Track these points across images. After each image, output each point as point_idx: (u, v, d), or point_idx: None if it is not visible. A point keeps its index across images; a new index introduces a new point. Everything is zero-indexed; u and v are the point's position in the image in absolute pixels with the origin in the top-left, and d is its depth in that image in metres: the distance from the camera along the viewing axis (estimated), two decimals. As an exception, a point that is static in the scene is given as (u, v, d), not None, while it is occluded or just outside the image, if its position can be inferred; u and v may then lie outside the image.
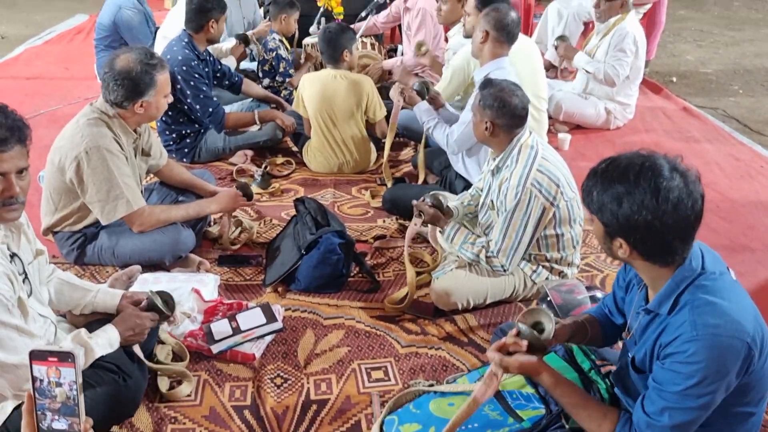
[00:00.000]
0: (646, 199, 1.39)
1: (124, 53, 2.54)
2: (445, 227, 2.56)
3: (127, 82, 2.47)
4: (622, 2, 4.10)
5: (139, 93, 2.50)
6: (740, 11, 7.72)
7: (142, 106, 2.53)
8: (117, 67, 2.48)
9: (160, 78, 2.54)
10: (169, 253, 2.69)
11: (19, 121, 1.69)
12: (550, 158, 2.43)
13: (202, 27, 3.54)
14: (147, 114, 2.59)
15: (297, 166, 3.77)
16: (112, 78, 2.48)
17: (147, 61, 2.51)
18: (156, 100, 2.57)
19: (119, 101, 2.51)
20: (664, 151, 3.98)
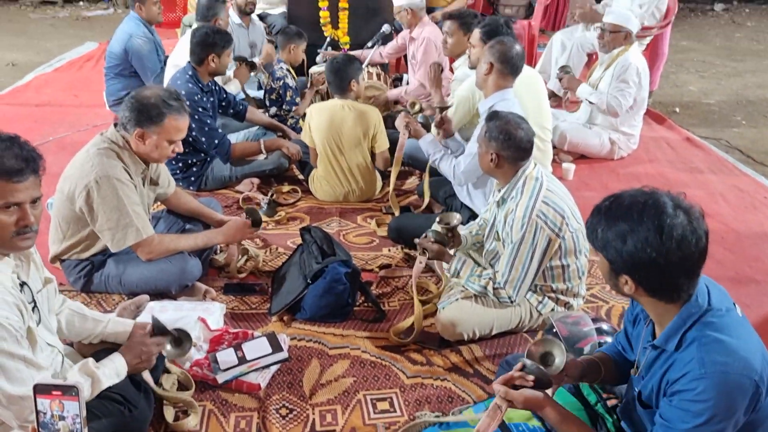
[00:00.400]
0: (650, 237, 1.41)
1: (157, 86, 2.60)
2: (451, 261, 2.57)
3: (138, 106, 2.51)
4: (625, 34, 4.16)
5: (140, 122, 2.50)
6: (742, 42, 7.80)
7: (141, 137, 2.52)
8: (140, 94, 2.54)
9: (169, 120, 2.52)
10: (175, 282, 2.70)
11: (33, 151, 1.72)
12: (555, 190, 2.45)
13: (203, 60, 3.58)
14: (145, 150, 2.55)
15: (303, 195, 3.79)
16: (129, 99, 2.54)
17: (166, 98, 2.53)
18: (157, 140, 2.54)
19: (123, 122, 2.54)
20: (669, 181, 4.03)
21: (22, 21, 8.05)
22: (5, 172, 1.63)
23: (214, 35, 3.59)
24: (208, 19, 4.23)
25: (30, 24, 7.93)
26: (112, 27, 7.72)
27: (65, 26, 7.89)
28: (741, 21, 8.79)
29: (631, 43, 4.19)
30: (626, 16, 4.20)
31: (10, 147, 1.66)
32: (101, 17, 8.35)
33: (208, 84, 3.69)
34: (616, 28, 4.14)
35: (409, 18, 4.57)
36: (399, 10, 4.57)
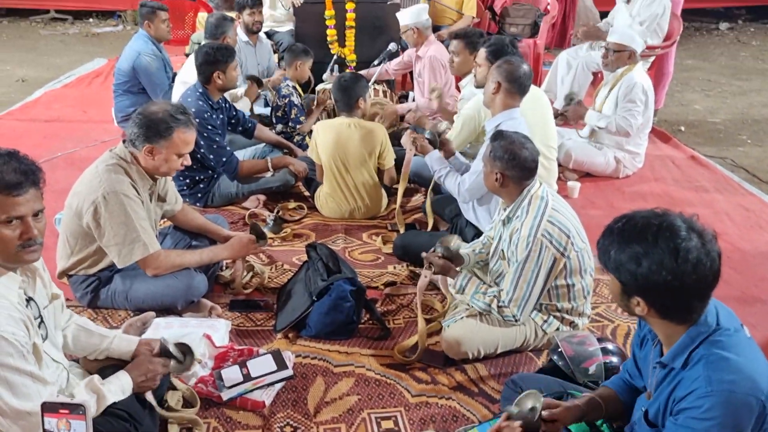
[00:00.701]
0: (666, 260, 1.41)
1: (164, 102, 2.63)
2: (456, 278, 2.57)
3: (146, 122, 2.53)
4: (629, 53, 4.18)
5: (149, 138, 2.53)
6: (747, 61, 7.82)
7: (151, 152, 2.55)
8: (147, 110, 2.57)
9: (178, 134, 2.56)
10: (181, 298, 2.71)
11: (32, 164, 1.74)
12: (561, 209, 2.45)
13: (209, 78, 3.62)
14: (155, 165, 2.59)
15: (309, 211, 3.81)
16: (137, 115, 2.56)
17: (174, 113, 2.56)
18: (166, 155, 2.57)
19: (132, 139, 2.57)
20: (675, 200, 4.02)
21: (33, 37, 8.14)
22: (5, 187, 1.65)
23: (216, 52, 3.62)
24: (217, 37, 4.27)
25: (40, 40, 8.02)
26: (122, 43, 7.80)
27: (75, 42, 7.97)
28: (746, 40, 8.81)
29: (636, 62, 4.21)
30: (630, 35, 4.23)
31: (9, 161, 1.68)
32: (111, 34, 8.44)
33: (218, 101, 3.72)
34: (620, 48, 4.17)
35: (415, 37, 4.61)
36: (405, 29, 4.61)
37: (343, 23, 5.38)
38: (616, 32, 4.32)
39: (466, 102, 3.81)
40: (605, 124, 4.18)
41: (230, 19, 4.46)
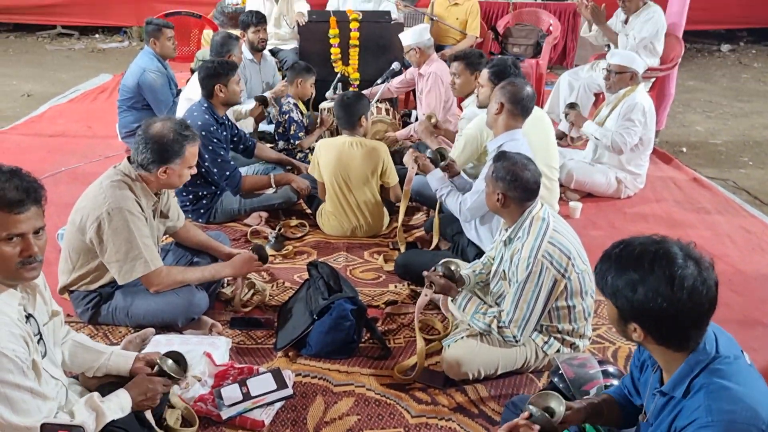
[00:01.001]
0: (661, 287, 1.42)
1: (161, 120, 2.62)
2: (457, 297, 2.57)
3: (157, 146, 2.55)
4: (631, 74, 4.20)
5: (165, 160, 2.57)
6: (749, 83, 7.85)
7: (165, 172, 2.60)
8: (151, 132, 2.57)
9: (189, 149, 2.62)
10: (182, 315, 2.71)
11: (34, 182, 1.75)
12: (562, 230, 2.46)
13: (211, 92, 3.64)
14: (168, 181, 2.64)
15: (310, 229, 3.81)
16: (143, 141, 2.56)
17: (181, 131, 2.60)
18: (180, 170, 2.63)
19: (145, 164, 2.58)
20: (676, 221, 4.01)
21: (39, 52, 8.20)
22: (6, 204, 1.67)
23: (217, 66, 3.67)
24: (222, 55, 4.30)
25: (46, 55, 8.08)
26: (127, 59, 7.87)
27: (81, 58, 8.03)
28: (748, 62, 8.85)
29: (638, 84, 4.23)
30: (631, 56, 4.26)
31: (11, 179, 1.70)
32: (116, 50, 8.51)
33: (223, 116, 3.74)
34: (622, 69, 4.19)
35: (418, 57, 4.64)
36: (408, 49, 4.64)
37: (347, 42, 5.43)
38: (617, 54, 4.36)
39: (467, 122, 3.83)
40: (600, 135, 4.19)
41: (235, 38, 4.50)
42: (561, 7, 7.28)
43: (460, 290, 2.62)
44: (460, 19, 6.16)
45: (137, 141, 2.59)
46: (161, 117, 2.66)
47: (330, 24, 5.38)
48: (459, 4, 6.17)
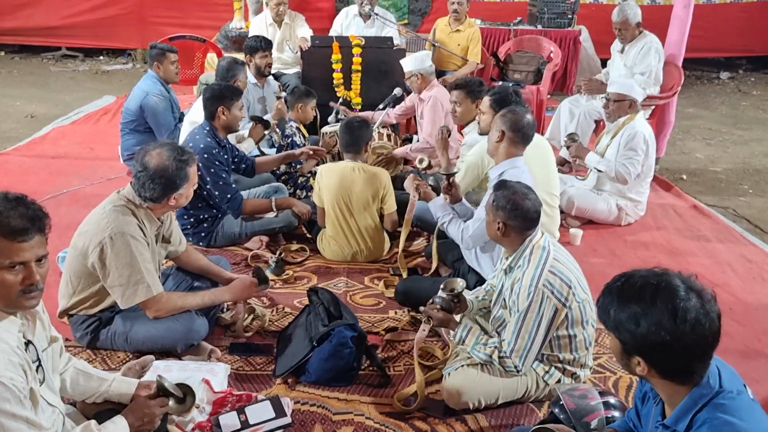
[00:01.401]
0: (664, 320, 1.42)
1: (154, 150, 2.62)
2: (457, 329, 2.56)
3: (164, 180, 2.57)
4: (629, 103, 4.22)
5: (174, 188, 2.62)
6: (748, 111, 7.89)
7: (174, 198, 2.64)
8: (152, 166, 2.57)
9: (191, 171, 2.67)
10: (181, 341, 2.71)
11: (39, 210, 1.75)
12: (562, 259, 2.46)
13: (214, 114, 3.66)
14: (177, 204, 2.71)
15: (311, 254, 3.81)
16: (148, 177, 2.56)
17: (180, 157, 2.62)
18: (186, 191, 2.69)
19: (155, 197, 2.60)
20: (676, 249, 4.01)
21: (44, 74, 8.26)
22: (11, 232, 1.67)
23: (223, 89, 3.71)
24: (227, 79, 4.34)
25: (51, 77, 8.13)
26: (130, 81, 7.93)
27: (85, 79, 8.08)
28: (747, 90, 8.91)
29: (637, 112, 4.25)
30: (629, 85, 4.28)
31: (16, 207, 1.70)
32: (120, 71, 8.57)
33: (224, 140, 3.76)
34: (620, 97, 4.21)
35: (419, 83, 4.67)
36: (409, 75, 4.68)
37: (349, 67, 5.48)
38: (615, 82, 4.38)
39: (469, 148, 3.84)
40: (605, 167, 4.21)
41: (241, 63, 4.54)
42: (561, 34, 7.34)
43: (459, 320, 2.61)
44: (462, 46, 6.22)
45: (140, 178, 2.58)
46: (153, 147, 2.65)
47: (333, 49, 5.43)
48: (461, 31, 6.24)
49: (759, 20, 9.31)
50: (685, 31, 5.24)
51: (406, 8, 8.64)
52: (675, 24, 5.27)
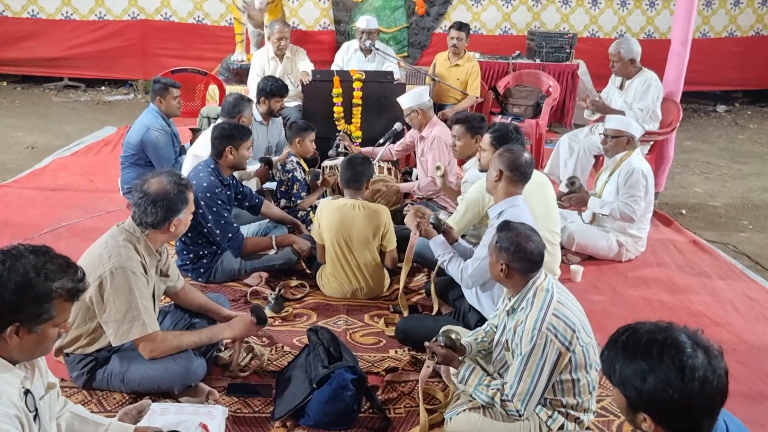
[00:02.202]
0: (672, 378, 1.40)
1: (154, 178, 2.67)
2: (460, 368, 2.53)
3: (166, 203, 2.60)
4: (627, 139, 4.23)
5: (176, 212, 2.65)
6: (745, 144, 7.95)
7: (174, 224, 2.66)
8: (152, 191, 2.60)
9: (190, 196, 2.71)
10: (179, 382, 2.67)
11: (83, 272, 1.84)
12: (566, 302, 2.44)
13: (221, 153, 3.68)
14: (176, 231, 2.72)
15: (311, 290, 3.78)
16: (149, 202, 2.59)
17: (179, 182, 2.68)
18: (185, 217, 2.72)
19: (156, 222, 2.62)
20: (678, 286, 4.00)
21: (45, 104, 8.30)
22: (71, 294, 1.77)
23: (232, 129, 3.71)
24: (233, 115, 4.36)
25: (52, 107, 8.17)
26: (132, 111, 7.99)
27: (86, 110, 8.12)
28: (744, 123, 8.99)
29: (635, 147, 4.26)
30: (627, 121, 4.29)
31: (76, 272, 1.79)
32: (122, 102, 8.63)
33: (227, 178, 3.76)
34: (618, 133, 4.22)
35: (420, 119, 4.69)
36: (409, 111, 4.68)
37: (350, 101, 5.52)
38: (613, 118, 4.40)
39: (469, 185, 3.85)
40: (608, 211, 4.21)
41: (248, 99, 4.56)
42: (560, 68, 7.43)
43: (462, 359, 2.59)
44: (461, 80, 6.28)
45: (141, 204, 2.60)
46: (152, 176, 2.69)
47: (334, 83, 5.48)
48: (460, 65, 6.30)
49: (754, 54, 9.46)
50: (682, 68, 5.30)
51: (406, 41, 8.74)
52: (672, 61, 5.33)
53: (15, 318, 1.68)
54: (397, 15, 8.64)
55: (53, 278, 1.72)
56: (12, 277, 1.67)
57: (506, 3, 8.92)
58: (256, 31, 7.44)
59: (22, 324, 1.68)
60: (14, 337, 1.69)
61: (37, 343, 1.75)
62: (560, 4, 8.98)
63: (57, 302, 1.73)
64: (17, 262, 1.69)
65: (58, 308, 1.73)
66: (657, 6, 9.10)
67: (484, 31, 8.97)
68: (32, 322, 1.70)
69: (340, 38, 8.54)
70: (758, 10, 9.40)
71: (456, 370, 2.58)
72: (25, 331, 1.69)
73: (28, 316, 1.69)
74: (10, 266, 1.68)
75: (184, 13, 8.63)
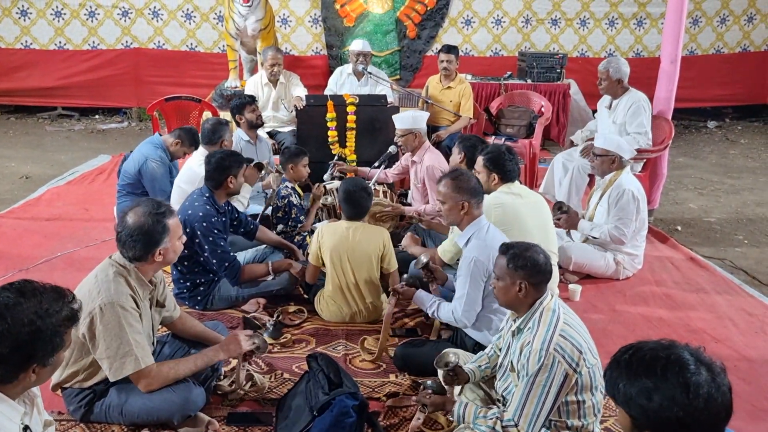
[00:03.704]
0: (677, 395, 1.40)
1: (132, 209, 2.63)
2: (452, 409, 2.50)
3: (142, 236, 2.55)
4: (613, 159, 4.21)
5: (155, 243, 2.58)
6: (737, 159, 8.00)
7: (160, 254, 2.61)
8: (129, 225, 2.57)
9: (171, 223, 2.63)
10: (178, 413, 2.63)
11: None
12: (572, 323, 2.42)
13: (221, 183, 3.68)
14: (165, 260, 2.66)
15: (309, 315, 3.76)
16: (128, 236, 2.56)
17: (156, 211, 2.61)
18: (172, 245, 2.66)
19: (138, 256, 2.58)
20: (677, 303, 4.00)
21: (39, 133, 8.30)
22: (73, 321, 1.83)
23: (229, 158, 3.72)
24: (214, 142, 4.37)
25: (46, 136, 8.18)
26: (126, 139, 8.00)
27: (80, 138, 8.13)
28: (734, 138, 9.06)
29: (623, 167, 4.25)
30: (615, 142, 4.25)
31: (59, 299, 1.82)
32: (116, 130, 8.64)
33: (223, 205, 3.76)
34: (605, 152, 4.20)
35: (414, 142, 4.70)
36: (405, 132, 4.67)
37: (344, 125, 5.55)
38: (601, 137, 4.37)
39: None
40: (598, 234, 4.21)
41: (225, 123, 4.57)
42: (551, 88, 7.50)
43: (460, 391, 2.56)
44: (454, 102, 6.33)
45: (121, 238, 2.58)
46: (131, 207, 2.65)
47: (327, 108, 5.51)
48: (452, 87, 6.35)
49: (742, 70, 9.57)
50: (673, 87, 5.34)
51: (398, 64, 8.82)
52: (663, 79, 5.37)
53: (33, 361, 1.74)
54: (389, 38, 8.74)
55: (54, 314, 1.75)
56: (21, 330, 1.69)
57: (496, 25, 9.03)
58: (249, 57, 7.50)
59: (39, 363, 1.75)
60: (32, 375, 1.76)
61: (51, 372, 1.83)
62: (549, 25, 9.09)
63: (65, 332, 1.79)
64: (15, 312, 1.70)
65: (66, 336, 1.81)
66: (645, 25, 9.22)
67: (475, 53, 9.06)
68: (47, 358, 1.76)
69: (332, 63, 8.62)
70: (744, 27, 9.53)
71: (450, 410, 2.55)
72: (41, 367, 1.77)
73: (44, 356, 1.75)
74: (12, 319, 1.69)
75: (177, 41, 8.70)
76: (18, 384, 1.74)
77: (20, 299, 1.72)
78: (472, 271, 2.98)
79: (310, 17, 8.76)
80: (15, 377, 1.72)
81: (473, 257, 2.99)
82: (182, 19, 8.63)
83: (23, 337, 1.68)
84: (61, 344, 1.77)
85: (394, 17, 8.70)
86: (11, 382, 1.72)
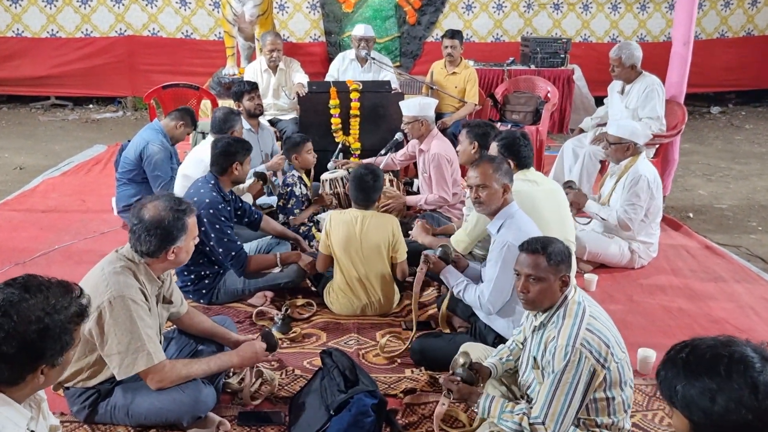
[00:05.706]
0: (744, 396, 1.28)
1: (150, 202, 2.51)
2: (478, 401, 2.38)
3: (160, 231, 2.43)
4: (628, 146, 4.08)
5: (172, 240, 2.48)
6: (743, 145, 7.90)
7: (173, 252, 2.49)
8: (147, 218, 2.44)
9: (189, 222, 2.53)
10: (187, 414, 2.51)
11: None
12: (598, 316, 2.31)
13: (226, 170, 3.55)
14: (177, 259, 2.55)
15: (318, 308, 3.64)
16: (144, 229, 2.42)
17: (177, 207, 2.50)
18: (186, 244, 2.54)
19: (152, 251, 2.46)
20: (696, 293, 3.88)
21: (32, 124, 8.11)
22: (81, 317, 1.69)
23: (236, 144, 3.59)
24: (224, 131, 4.22)
25: (39, 126, 7.99)
26: (121, 129, 7.83)
27: (74, 128, 7.95)
28: (739, 123, 8.95)
29: (638, 153, 4.13)
30: (630, 128, 4.12)
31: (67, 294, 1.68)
32: (110, 120, 8.46)
33: (228, 192, 3.62)
34: (618, 140, 4.08)
35: (421, 129, 4.55)
36: (412, 120, 4.52)
37: (347, 112, 5.39)
38: (614, 124, 4.23)
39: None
40: (606, 215, 4.09)
41: (237, 113, 4.44)
42: (555, 73, 7.37)
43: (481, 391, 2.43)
44: (459, 88, 6.18)
45: (135, 231, 2.45)
46: (149, 199, 2.53)
47: (330, 94, 5.36)
48: (457, 73, 6.21)
49: (746, 55, 9.46)
50: (685, 70, 5.21)
51: (397, 51, 8.66)
52: (675, 62, 5.25)
53: (41, 362, 1.60)
54: (389, 25, 8.56)
55: (63, 310, 1.61)
56: (28, 328, 1.56)
57: (498, 10, 8.87)
58: (247, 44, 7.33)
59: (47, 363, 1.61)
60: (40, 377, 1.62)
61: (60, 373, 1.70)
62: (552, 10, 8.95)
63: (74, 329, 1.66)
64: (21, 309, 1.56)
65: (75, 334, 1.67)
66: (649, 9, 9.08)
67: (476, 39, 8.91)
68: (56, 357, 1.63)
69: (331, 50, 8.45)
70: (748, 11, 9.41)
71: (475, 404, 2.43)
72: (49, 368, 1.63)
73: (52, 355, 1.61)
74: (18, 317, 1.55)
75: (173, 28, 8.51)
76: (25, 386, 1.61)
77: (25, 295, 1.58)
78: (505, 255, 2.85)
79: (308, 3, 8.58)
80: (22, 379, 1.59)
81: (507, 242, 2.86)
82: (177, 6, 8.44)
83: (30, 336, 1.55)
84: (70, 342, 1.63)
85: (393, 2, 8.51)
86: (18, 385, 1.59)
